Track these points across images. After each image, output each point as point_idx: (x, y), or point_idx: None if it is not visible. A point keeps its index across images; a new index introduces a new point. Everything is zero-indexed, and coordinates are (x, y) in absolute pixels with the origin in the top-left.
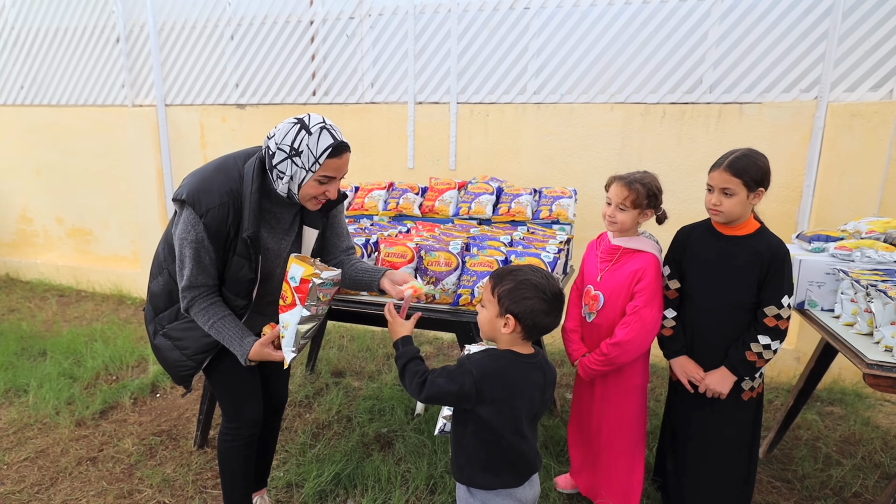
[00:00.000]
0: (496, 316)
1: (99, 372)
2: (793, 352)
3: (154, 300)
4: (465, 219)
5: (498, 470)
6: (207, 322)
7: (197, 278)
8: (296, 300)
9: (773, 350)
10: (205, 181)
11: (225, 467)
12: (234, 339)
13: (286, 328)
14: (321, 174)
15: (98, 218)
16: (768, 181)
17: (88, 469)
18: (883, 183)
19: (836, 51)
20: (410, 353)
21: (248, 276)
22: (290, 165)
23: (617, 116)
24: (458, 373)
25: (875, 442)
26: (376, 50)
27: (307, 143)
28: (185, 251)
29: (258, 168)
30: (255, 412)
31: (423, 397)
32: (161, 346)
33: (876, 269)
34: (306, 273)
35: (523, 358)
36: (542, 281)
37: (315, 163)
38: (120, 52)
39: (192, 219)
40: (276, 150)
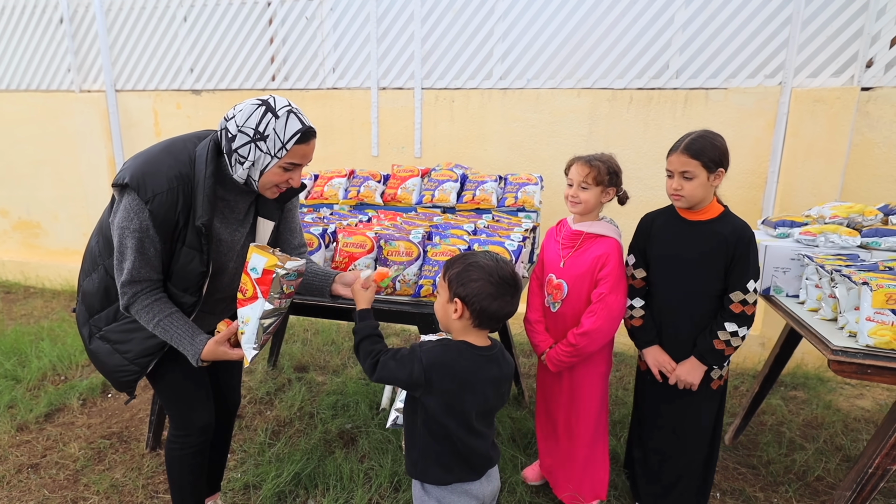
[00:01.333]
0: (447, 301)
1: (45, 372)
2: (758, 338)
3: (88, 300)
4: (428, 207)
5: (451, 464)
6: (152, 320)
7: (139, 272)
8: (257, 293)
9: (741, 337)
10: (151, 163)
11: (174, 476)
12: (184, 338)
13: (246, 323)
14: (287, 161)
15: (46, 210)
16: (727, 161)
17: (29, 477)
18: (844, 168)
19: (800, 36)
20: (367, 328)
21: (198, 270)
22: (254, 150)
23: (584, 102)
24: (409, 359)
25: (836, 425)
26: (337, 33)
27: (274, 127)
28: (127, 241)
29: (212, 151)
30: (205, 419)
31: (375, 377)
32: (98, 351)
33: (839, 254)
34: (269, 263)
35: (478, 350)
36: (490, 263)
37: (282, 148)
38: (64, 34)
39: (135, 205)
40: (237, 133)
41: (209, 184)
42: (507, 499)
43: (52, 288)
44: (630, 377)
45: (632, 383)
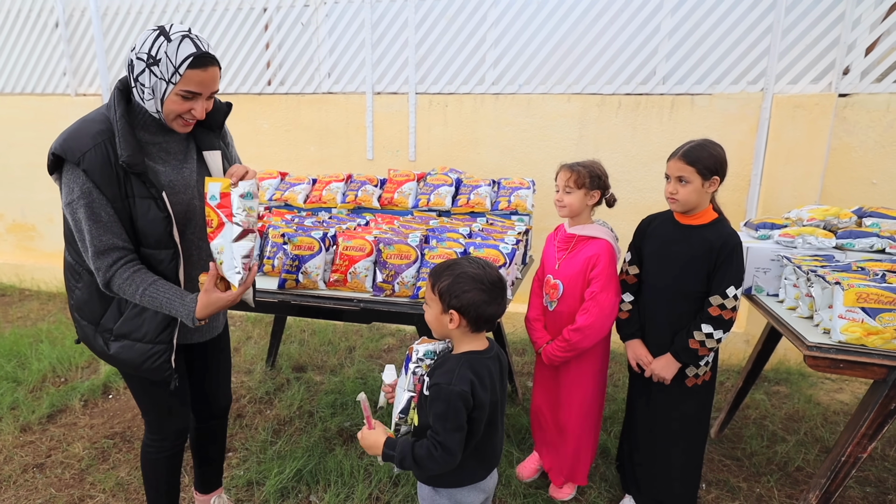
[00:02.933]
0: (440, 313)
1: (45, 374)
2: (742, 335)
3: (86, 314)
4: (424, 211)
5: (467, 465)
6: (136, 291)
7: (101, 239)
8: (222, 218)
9: (715, 339)
10: (70, 132)
11: (148, 478)
12: (174, 301)
13: (221, 253)
14: (182, 88)
15: (41, 213)
16: (723, 170)
17: (35, 476)
18: (824, 171)
19: (780, 44)
20: (406, 447)
21: (160, 216)
22: (149, 76)
23: (574, 107)
24: (453, 403)
25: (816, 418)
26: (333, 39)
27: (165, 51)
28: (79, 214)
29: (119, 94)
30: (180, 424)
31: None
32: (120, 353)
33: (816, 255)
34: (224, 186)
35: (485, 354)
36: (479, 272)
37: (175, 73)
38: (60, 38)
39: (70, 173)
40: (134, 60)
41: (122, 123)
42: (503, 492)
43: (48, 290)
44: (620, 374)
45: (622, 380)
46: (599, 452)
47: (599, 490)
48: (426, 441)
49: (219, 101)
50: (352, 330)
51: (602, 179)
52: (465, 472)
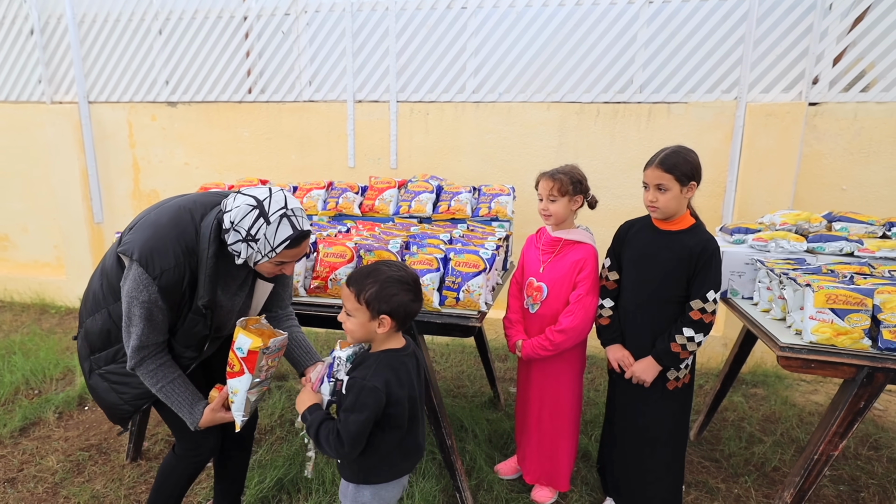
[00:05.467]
0: (368, 320)
1: (18, 387)
2: (720, 338)
3: (90, 338)
4: (405, 217)
5: (394, 460)
6: (156, 385)
7: (148, 338)
8: (244, 369)
9: (696, 342)
10: (158, 239)
11: (165, 487)
12: (185, 406)
13: (235, 394)
14: (278, 260)
15: (14, 222)
16: (699, 175)
17: (6, 491)
18: (796, 178)
19: (752, 54)
20: (319, 418)
21: (202, 333)
22: (246, 248)
23: (553, 115)
24: (364, 396)
25: (792, 419)
26: (314, 47)
27: (265, 233)
28: (135, 310)
29: (216, 230)
30: (213, 442)
31: (348, 448)
32: (97, 387)
33: (788, 259)
34: (254, 345)
35: (401, 353)
36: (401, 273)
37: (272, 251)
38: (35, 45)
39: (144, 279)
40: (230, 229)
41: (211, 264)
42: (485, 496)
43: (21, 301)
44: (601, 378)
45: (603, 385)
46: (581, 456)
47: (580, 493)
48: (332, 424)
49: None
50: (333, 337)
51: (583, 183)
52: (392, 469)
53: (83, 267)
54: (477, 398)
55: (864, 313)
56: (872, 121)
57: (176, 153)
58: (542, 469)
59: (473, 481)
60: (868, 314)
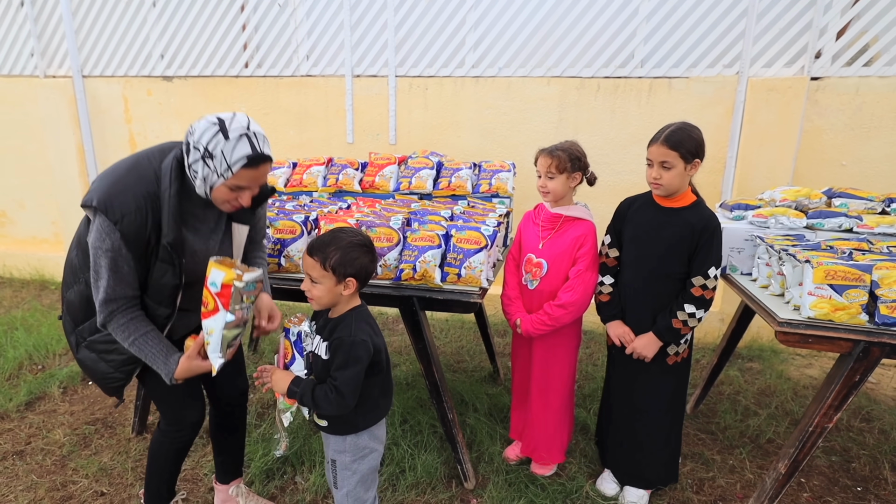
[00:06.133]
0: (335, 285)
1: (22, 362)
2: (717, 314)
3: (71, 311)
4: (405, 194)
5: (379, 402)
6: (128, 339)
7: (115, 290)
8: (218, 306)
9: (697, 318)
10: (117, 184)
11: (156, 466)
12: (158, 357)
13: (211, 334)
14: (233, 182)
15: (11, 198)
16: (703, 152)
17: (15, 463)
18: (796, 153)
19: (755, 28)
20: (307, 385)
21: (171, 283)
22: (203, 166)
23: (553, 90)
24: (355, 350)
25: (787, 392)
26: (311, 21)
27: (222, 149)
28: (101, 261)
29: (177, 167)
30: (197, 415)
31: (350, 400)
32: (85, 360)
33: (788, 235)
34: (227, 278)
35: (364, 307)
36: (358, 238)
37: (228, 170)
38: (26, 17)
39: (106, 226)
40: (191, 149)
41: (174, 202)
42: (485, 468)
43: (21, 277)
44: (599, 353)
45: (601, 359)
46: (579, 429)
47: (579, 465)
48: (325, 385)
49: (264, 185)
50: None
51: (582, 160)
52: (379, 409)
53: None
54: (477, 373)
55: (861, 289)
56: (874, 95)
57: (172, 128)
58: (539, 441)
59: (474, 454)
60: (866, 290)
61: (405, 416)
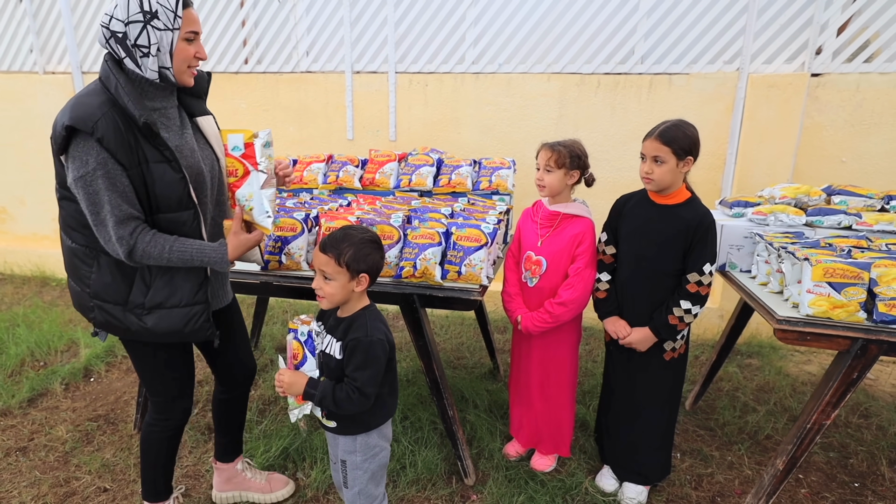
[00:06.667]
0: (348, 281)
1: (24, 358)
2: (717, 310)
3: (111, 294)
4: (405, 191)
5: (386, 401)
6: (164, 250)
7: (122, 209)
8: (247, 167)
9: (693, 314)
10: (73, 105)
11: (149, 457)
12: (204, 251)
13: (250, 199)
14: (186, 30)
15: (11, 195)
16: (697, 150)
17: (18, 460)
18: (796, 150)
19: (755, 24)
20: (326, 387)
21: (175, 178)
22: (152, 32)
23: (554, 86)
24: (374, 350)
25: (785, 389)
26: (310, 17)
27: (158, 2)
28: (97, 185)
29: (113, 66)
30: (187, 404)
31: (371, 399)
32: (158, 324)
33: (787, 232)
34: (247, 136)
35: (374, 306)
36: (367, 234)
37: (176, 17)
38: (25, 14)
39: (83, 145)
40: (126, 28)
41: (129, 89)
42: (485, 464)
43: (22, 274)
44: (599, 350)
45: (601, 356)
46: (579, 425)
47: (579, 461)
48: (345, 386)
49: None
50: None
51: (582, 159)
52: (386, 408)
53: None
54: (477, 369)
55: (860, 287)
56: (874, 92)
57: None
58: (543, 437)
59: (474, 450)
60: (864, 287)
61: (406, 413)
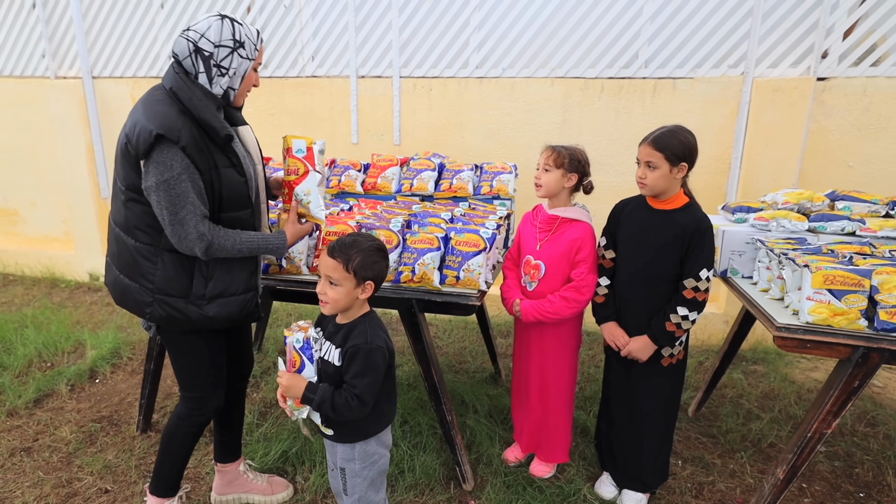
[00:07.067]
0: (354, 287)
1: (31, 359)
2: (722, 315)
3: (175, 289)
4: (407, 195)
5: (384, 408)
6: (236, 242)
7: (200, 209)
8: (308, 168)
9: (691, 321)
10: (155, 114)
11: (173, 451)
12: (269, 240)
13: (308, 195)
14: (258, 62)
15: (23, 197)
16: (691, 157)
17: (23, 460)
18: (802, 155)
19: (760, 28)
20: (325, 392)
21: (241, 181)
22: (236, 59)
23: (557, 91)
24: (373, 357)
25: (790, 396)
26: (316, 21)
27: (245, 34)
28: (182, 187)
29: (185, 78)
30: (220, 399)
31: (370, 406)
32: (219, 313)
33: (789, 238)
34: (309, 142)
35: (375, 312)
36: (375, 242)
37: (255, 50)
38: (37, 19)
39: (168, 150)
40: (214, 49)
41: (205, 102)
42: (484, 470)
43: (32, 275)
44: (601, 355)
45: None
46: (579, 431)
47: (578, 468)
48: (344, 392)
49: None
50: None
51: (581, 164)
52: (385, 416)
53: (91, 242)
54: (478, 374)
55: (861, 294)
56: (882, 96)
57: None
58: (541, 442)
59: (473, 455)
60: (865, 295)
61: (405, 417)
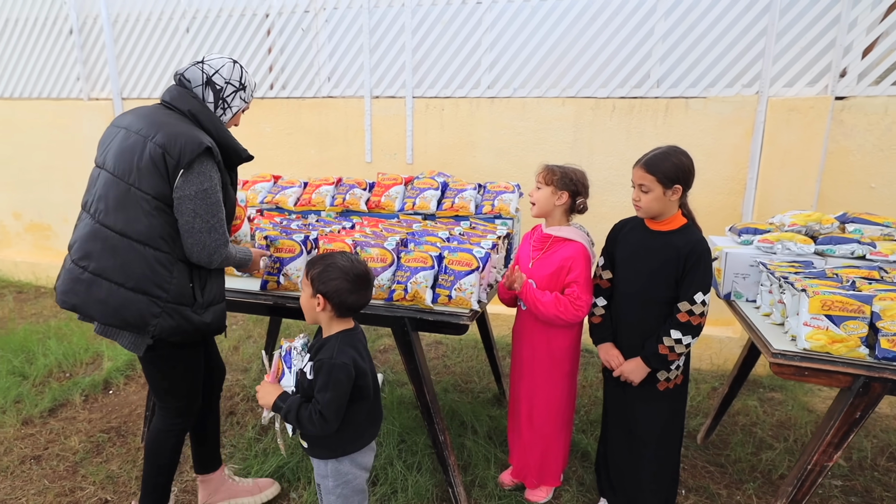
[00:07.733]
0: (310, 297)
1: (51, 369)
2: (738, 340)
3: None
4: (409, 214)
5: (364, 429)
6: (235, 252)
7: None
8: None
9: (684, 344)
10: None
11: (161, 461)
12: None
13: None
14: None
15: (57, 213)
16: (686, 179)
17: (31, 468)
18: (820, 175)
19: (775, 47)
20: (292, 402)
21: (234, 199)
22: (237, 99)
23: (568, 110)
24: (336, 373)
25: (808, 426)
26: (332, 44)
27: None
28: (216, 196)
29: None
30: (200, 403)
31: (332, 423)
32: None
33: (794, 262)
34: None
35: (355, 331)
36: (346, 264)
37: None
38: (73, 45)
39: (208, 163)
40: (224, 84)
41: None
42: (478, 493)
43: None
44: None
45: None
46: (580, 455)
47: (574, 493)
48: (310, 406)
49: None
50: None
51: (574, 183)
52: (363, 436)
53: None
54: (483, 394)
55: (861, 320)
56: None
57: None
58: (530, 466)
59: (468, 477)
60: (866, 321)
61: (403, 436)
